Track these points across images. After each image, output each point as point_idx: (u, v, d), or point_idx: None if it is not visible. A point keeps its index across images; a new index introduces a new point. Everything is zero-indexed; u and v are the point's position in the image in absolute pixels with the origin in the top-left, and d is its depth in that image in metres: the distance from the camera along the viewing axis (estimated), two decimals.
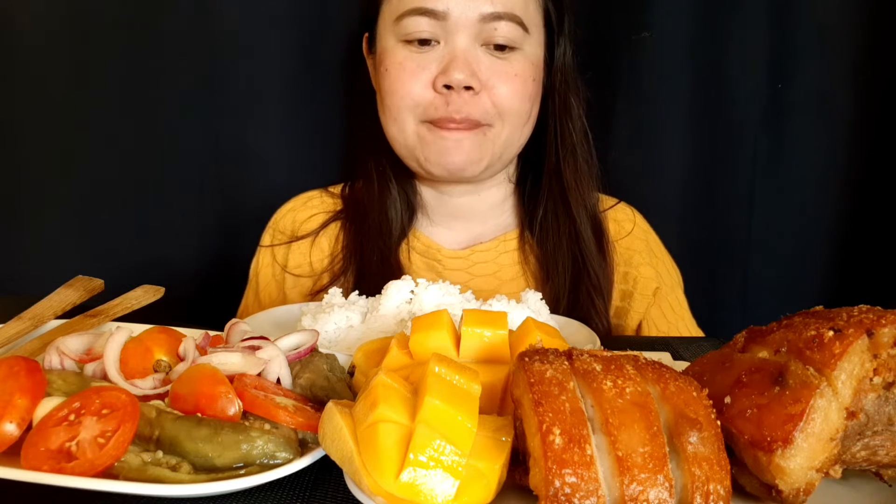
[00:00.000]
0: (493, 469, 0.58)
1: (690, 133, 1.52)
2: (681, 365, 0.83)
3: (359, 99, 1.36)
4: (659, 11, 1.47)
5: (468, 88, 1.17)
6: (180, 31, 1.50)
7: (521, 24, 1.19)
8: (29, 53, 1.52)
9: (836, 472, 0.58)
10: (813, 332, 0.61)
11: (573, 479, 0.52)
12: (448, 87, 1.17)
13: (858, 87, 1.46)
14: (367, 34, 1.31)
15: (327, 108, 1.55)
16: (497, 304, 0.99)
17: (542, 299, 1.05)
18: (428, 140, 1.21)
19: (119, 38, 1.51)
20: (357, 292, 1.08)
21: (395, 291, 1.01)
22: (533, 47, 1.23)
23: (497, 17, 1.17)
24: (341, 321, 1.00)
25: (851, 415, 0.58)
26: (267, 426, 0.65)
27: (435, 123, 1.20)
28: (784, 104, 1.48)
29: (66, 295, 1.04)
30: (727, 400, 0.61)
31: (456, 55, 1.17)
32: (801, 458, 0.56)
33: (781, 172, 1.50)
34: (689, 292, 1.38)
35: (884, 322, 0.59)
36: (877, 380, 0.59)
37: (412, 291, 1.01)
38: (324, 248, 1.37)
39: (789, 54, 1.46)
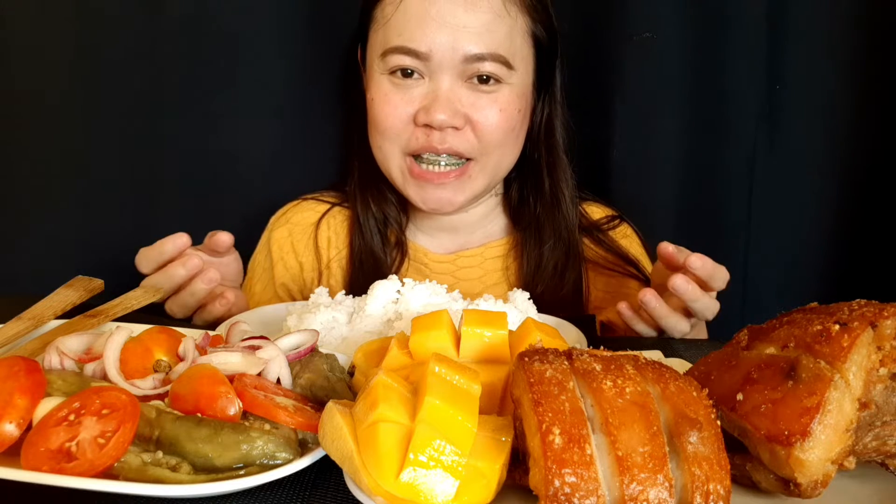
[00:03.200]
0: (493, 469, 0.58)
1: (688, 133, 1.52)
2: (674, 362, 0.83)
3: (355, 110, 1.37)
4: (658, 12, 1.47)
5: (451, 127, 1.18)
6: (180, 32, 1.50)
7: (506, 62, 1.18)
8: (29, 53, 1.52)
9: (851, 463, 0.59)
10: (819, 327, 0.62)
11: (573, 479, 0.52)
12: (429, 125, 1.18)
13: (855, 87, 1.46)
14: (360, 45, 1.32)
15: (328, 112, 1.55)
16: (484, 304, 0.99)
17: (529, 299, 1.06)
18: (411, 183, 1.24)
19: (118, 39, 1.51)
20: (343, 292, 1.08)
21: (382, 291, 1.01)
22: (521, 78, 1.23)
23: (481, 57, 1.16)
24: (327, 321, 0.99)
25: (863, 405, 0.59)
26: (267, 426, 0.65)
27: (418, 159, 1.21)
28: (781, 105, 1.48)
29: (66, 295, 1.04)
30: (739, 397, 0.61)
31: (438, 95, 1.17)
32: (819, 450, 0.57)
33: (779, 172, 1.51)
34: None
35: (886, 315, 0.60)
36: (883, 371, 0.60)
37: (398, 291, 1.01)
38: (315, 251, 1.39)
39: (787, 55, 1.47)
